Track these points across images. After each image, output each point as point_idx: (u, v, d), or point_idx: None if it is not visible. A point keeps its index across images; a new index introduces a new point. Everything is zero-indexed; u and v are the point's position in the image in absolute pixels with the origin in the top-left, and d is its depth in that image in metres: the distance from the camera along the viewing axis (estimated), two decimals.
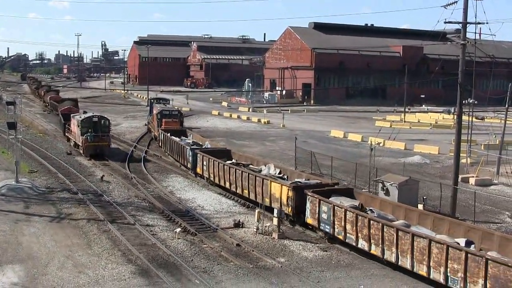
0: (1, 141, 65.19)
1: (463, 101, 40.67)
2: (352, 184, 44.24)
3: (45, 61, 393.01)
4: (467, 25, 37.40)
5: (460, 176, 43.43)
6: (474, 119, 56.62)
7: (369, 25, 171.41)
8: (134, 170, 51.51)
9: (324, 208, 32.32)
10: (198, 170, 48.08)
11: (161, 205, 39.33)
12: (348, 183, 43.98)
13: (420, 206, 36.80)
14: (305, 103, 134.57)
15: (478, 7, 56.05)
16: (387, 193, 37.77)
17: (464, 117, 46.01)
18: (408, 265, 26.83)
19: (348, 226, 30.42)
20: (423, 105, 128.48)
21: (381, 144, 57.73)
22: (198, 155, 47.98)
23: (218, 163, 44.26)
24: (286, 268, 28.01)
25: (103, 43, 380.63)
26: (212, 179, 45.59)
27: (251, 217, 36.21)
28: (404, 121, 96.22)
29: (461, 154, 41.96)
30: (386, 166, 51.81)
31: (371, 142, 52.22)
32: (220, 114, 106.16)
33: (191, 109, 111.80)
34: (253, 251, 30.48)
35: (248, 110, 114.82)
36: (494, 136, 64.38)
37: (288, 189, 35.33)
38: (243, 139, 74.66)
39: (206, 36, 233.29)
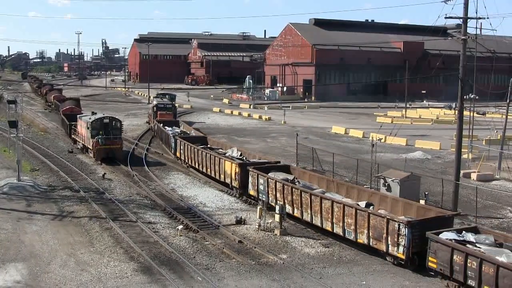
0: (2, 140, 65.28)
1: (464, 97, 40.65)
2: (354, 180, 44.32)
3: (46, 60, 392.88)
4: (468, 20, 37.36)
5: (461, 172, 43.46)
6: (475, 114, 56.47)
7: (369, 21, 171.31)
8: (135, 168, 51.52)
9: (261, 180, 38.25)
10: (178, 154, 54.58)
11: (163, 203, 39.36)
12: (350, 179, 44.07)
13: (422, 202, 36.80)
14: (306, 100, 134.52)
15: (478, 2, 56.08)
16: (388, 189, 37.78)
17: (466, 113, 45.89)
18: (318, 223, 32.65)
19: (278, 195, 36.29)
20: (424, 101, 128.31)
21: (382, 140, 57.54)
22: (178, 141, 54.57)
23: (190, 146, 50.77)
24: (288, 265, 28.04)
25: (103, 41, 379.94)
26: (187, 161, 51.73)
27: (253, 214, 36.25)
28: (405, 117, 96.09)
29: (462, 150, 41.90)
30: (387, 162, 51.82)
31: (373, 138, 52.14)
32: (221, 111, 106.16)
33: (192, 107, 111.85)
34: (255, 247, 30.51)
35: (249, 107, 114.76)
36: (495, 131, 64.28)
37: (236, 166, 41.74)
38: (244, 135, 74.67)
39: (207, 33, 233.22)
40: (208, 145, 53.03)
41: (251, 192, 39.62)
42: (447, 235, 26.15)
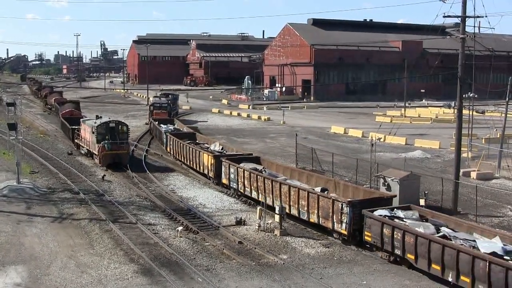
0: (2, 142, 65.23)
1: (463, 95, 40.64)
2: (354, 180, 44.31)
3: (45, 62, 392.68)
4: (466, 18, 37.42)
5: (461, 171, 43.45)
6: (474, 113, 56.47)
7: (368, 20, 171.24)
8: (135, 169, 51.45)
9: (232, 170, 41.98)
10: (168, 149, 58.81)
11: (163, 204, 39.35)
12: (350, 179, 44.06)
13: (422, 201, 36.81)
14: (305, 100, 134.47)
15: (477, 0, 56.05)
16: (388, 188, 37.76)
17: (465, 111, 45.92)
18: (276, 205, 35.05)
19: (246, 182, 39.96)
20: (423, 100, 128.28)
21: (381, 140, 57.61)
22: (168, 136, 58.58)
23: (177, 141, 54.81)
24: (288, 265, 28.04)
25: (102, 42, 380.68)
26: (174, 155, 55.89)
27: (253, 214, 36.25)
28: (405, 116, 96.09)
29: (462, 148, 41.93)
30: (387, 162, 51.83)
31: (372, 137, 52.16)
32: (220, 112, 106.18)
33: (191, 107, 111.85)
34: (255, 248, 30.50)
35: (248, 108, 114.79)
36: (495, 129, 64.26)
37: (211, 158, 45.67)
38: (244, 136, 74.66)
39: (205, 34, 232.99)
40: (198, 140, 57.56)
41: (224, 180, 43.45)
42: (380, 212, 29.81)
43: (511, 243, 25.71)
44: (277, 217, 33.31)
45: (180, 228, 33.32)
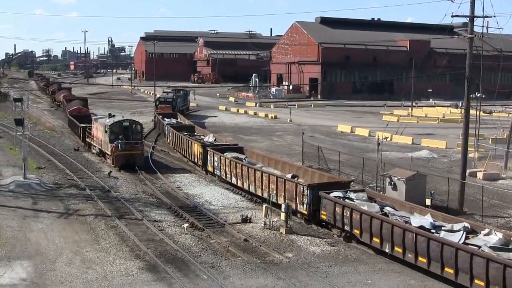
0: (9, 138, 65.41)
1: (471, 95, 40.54)
2: (360, 179, 44.27)
3: (52, 58, 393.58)
4: (474, 18, 37.27)
5: (467, 171, 43.36)
6: (481, 113, 56.32)
7: (375, 19, 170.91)
8: (141, 166, 51.43)
9: (216, 158, 45.66)
10: (168, 140, 63.21)
11: (169, 201, 39.39)
12: (356, 178, 44.02)
13: (428, 201, 36.76)
14: (312, 98, 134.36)
15: (485, 0, 55.88)
16: (394, 187, 37.74)
17: (472, 111, 45.78)
18: (252, 190, 39.92)
19: (227, 169, 43.60)
20: (431, 99, 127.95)
21: (388, 139, 57.54)
22: (168, 129, 62.57)
23: (174, 133, 58.83)
24: (293, 263, 28.03)
25: (109, 39, 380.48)
26: (172, 146, 60.26)
27: (259, 212, 36.26)
28: (412, 116, 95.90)
29: (468, 149, 41.81)
30: (393, 161, 51.73)
31: (379, 136, 52.08)
32: (227, 109, 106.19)
33: (198, 105, 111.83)
34: (260, 246, 30.51)
35: (255, 105, 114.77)
36: (502, 130, 64.08)
37: (200, 147, 49.38)
38: (250, 134, 74.67)
39: (213, 32, 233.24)
40: (195, 133, 60.79)
41: (209, 168, 47.32)
42: (335, 194, 33.10)
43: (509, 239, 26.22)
44: (283, 215, 33.30)
45: (186, 225, 33.37)
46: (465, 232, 27.02)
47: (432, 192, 38.38)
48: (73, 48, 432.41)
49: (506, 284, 22.85)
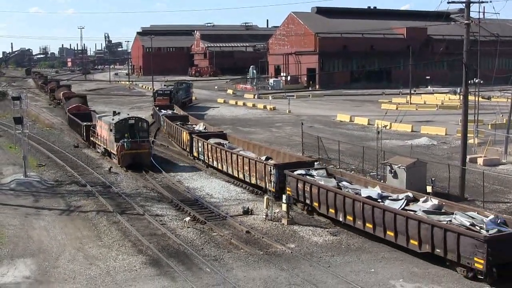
0: (8, 136, 65.41)
1: (469, 81, 40.48)
2: (360, 168, 44.29)
3: (49, 55, 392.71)
4: (471, 4, 37.20)
5: (468, 157, 43.34)
6: (480, 99, 56.27)
7: (372, 7, 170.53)
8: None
9: (200, 144, 49.20)
10: (163, 130, 67.31)
11: (170, 195, 39.43)
12: (356, 167, 44.02)
13: (429, 188, 36.77)
14: (310, 88, 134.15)
15: None
16: (395, 175, 37.74)
17: (470, 97, 45.77)
18: (229, 171, 43.53)
19: (210, 154, 47.07)
20: (429, 86, 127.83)
21: (387, 127, 57.46)
22: (163, 119, 66.54)
23: (167, 122, 63.22)
24: (296, 254, 28.08)
25: (106, 35, 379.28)
26: (166, 135, 64.61)
27: (260, 204, 36.28)
28: (410, 103, 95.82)
29: (468, 135, 41.77)
30: (393, 149, 51.76)
31: (378, 125, 52.03)
32: (226, 102, 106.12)
33: (196, 98, 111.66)
34: (263, 237, 30.54)
35: (254, 97, 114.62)
36: (501, 115, 64.06)
37: (187, 134, 52.76)
38: (250, 126, 74.63)
39: (209, 25, 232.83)
40: (188, 122, 64.32)
41: (194, 153, 50.96)
42: (298, 172, 35.95)
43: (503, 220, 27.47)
44: (284, 206, 33.31)
45: (187, 218, 33.41)
46: (406, 200, 30.36)
47: (432, 179, 38.39)
48: (70, 45, 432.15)
49: (434, 241, 26.05)
